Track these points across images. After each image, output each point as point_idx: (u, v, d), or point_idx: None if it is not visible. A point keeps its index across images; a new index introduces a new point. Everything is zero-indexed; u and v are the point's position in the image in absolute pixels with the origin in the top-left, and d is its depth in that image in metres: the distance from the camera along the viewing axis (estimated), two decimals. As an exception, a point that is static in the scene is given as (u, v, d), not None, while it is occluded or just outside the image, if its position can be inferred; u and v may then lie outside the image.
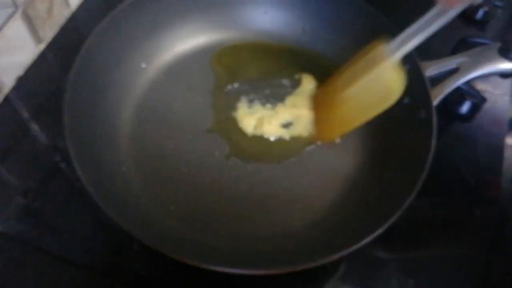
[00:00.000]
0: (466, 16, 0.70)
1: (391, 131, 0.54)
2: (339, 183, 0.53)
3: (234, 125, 0.56)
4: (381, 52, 0.48)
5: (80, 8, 0.68)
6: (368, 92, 0.50)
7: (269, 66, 0.61)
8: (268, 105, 0.58)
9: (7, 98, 0.59)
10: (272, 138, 0.56)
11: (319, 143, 0.56)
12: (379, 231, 0.42)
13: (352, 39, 0.59)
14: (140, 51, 0.58)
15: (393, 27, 0.51)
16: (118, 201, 0.46)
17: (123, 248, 0.49)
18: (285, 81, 0.60)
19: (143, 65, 0.58)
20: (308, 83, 0.59)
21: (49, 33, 0.64)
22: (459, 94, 0.59)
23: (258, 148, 0.55)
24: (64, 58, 0.62)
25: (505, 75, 0.54)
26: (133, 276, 0.48)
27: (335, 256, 0.42)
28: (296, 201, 0.51)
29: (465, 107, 0.60)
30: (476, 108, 0.60)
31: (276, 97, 0.58)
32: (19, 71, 0.61)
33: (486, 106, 0.61)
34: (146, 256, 0.50)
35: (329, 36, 0.60)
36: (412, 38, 0.47)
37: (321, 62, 0.61)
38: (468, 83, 0.55)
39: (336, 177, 0.53)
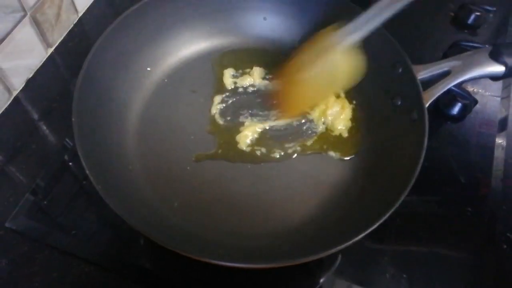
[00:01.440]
0: (458, 21, 0.71)
1: (385, 132, 0.55)
2: (335, 181, 0.54)
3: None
4: (333, 38, 0.51)
5: (87, 13, 0.69)
6: (322, 74, 0.53)
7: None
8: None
9: (17, 100, 0.60)
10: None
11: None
12: (373, 227, 0.43)
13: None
14: (145, 56, 0.59)
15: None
16: (125, 198, 0.47)
17: (129, 244, 0.51)
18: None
19: (148, 69, 0.60)
20: None
21: (57, 37, 0.65)
22: (450, 96, 0.61)
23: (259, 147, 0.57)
24: (71, 61, 0.64)
25: (496, 77, 0.55)
26: (139, 271, 0.50)
27: (332, 251, 0.43)
28: (295, 198, 0.53)
29: (456, 109, 0.61)
30: (467, 109, 0.61)
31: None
32: (28, 73, 0.62)
33: (477, 107, 0.62)
34: (151, 251, 0.51)
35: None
36: (365, 25, 0.49)
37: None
38: (459, 85, 0.56)
39: (332, 175, 0.55)
